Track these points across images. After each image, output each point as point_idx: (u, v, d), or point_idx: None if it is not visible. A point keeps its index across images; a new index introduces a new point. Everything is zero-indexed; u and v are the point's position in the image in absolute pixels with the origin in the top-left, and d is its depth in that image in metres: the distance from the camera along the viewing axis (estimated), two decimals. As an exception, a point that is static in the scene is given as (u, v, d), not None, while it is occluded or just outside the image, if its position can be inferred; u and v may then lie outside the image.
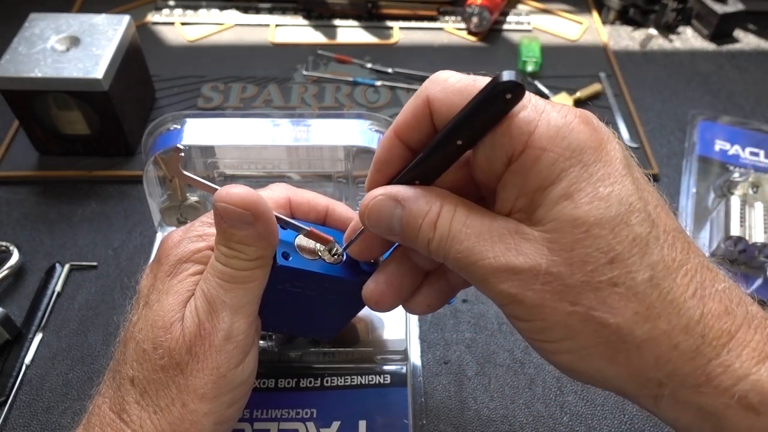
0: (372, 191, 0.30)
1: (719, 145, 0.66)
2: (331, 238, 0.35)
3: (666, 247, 0.27)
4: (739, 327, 0.27)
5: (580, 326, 0.26)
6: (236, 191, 0.31)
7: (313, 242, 0.35)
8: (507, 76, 0.24)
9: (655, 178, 0.65)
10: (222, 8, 0.83)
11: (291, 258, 0.34)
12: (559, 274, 0.26)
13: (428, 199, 0.29)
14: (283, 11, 0.83)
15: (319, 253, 0.35)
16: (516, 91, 0.25)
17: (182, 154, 0.34)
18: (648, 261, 0.26)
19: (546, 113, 0.27)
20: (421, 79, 0.74)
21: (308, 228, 0.34)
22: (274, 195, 0.36)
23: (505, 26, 0.82)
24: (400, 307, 0.35)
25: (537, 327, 0.28)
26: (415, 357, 0.49)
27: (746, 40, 0.82)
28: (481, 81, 0.28)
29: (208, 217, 0.36)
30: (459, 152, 0.29)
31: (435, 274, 0.34)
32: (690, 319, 0.26)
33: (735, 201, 0.56)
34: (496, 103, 0.26)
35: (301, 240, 0.35)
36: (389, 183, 0.31)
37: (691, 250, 0.28)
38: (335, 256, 0.35)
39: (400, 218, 0.29)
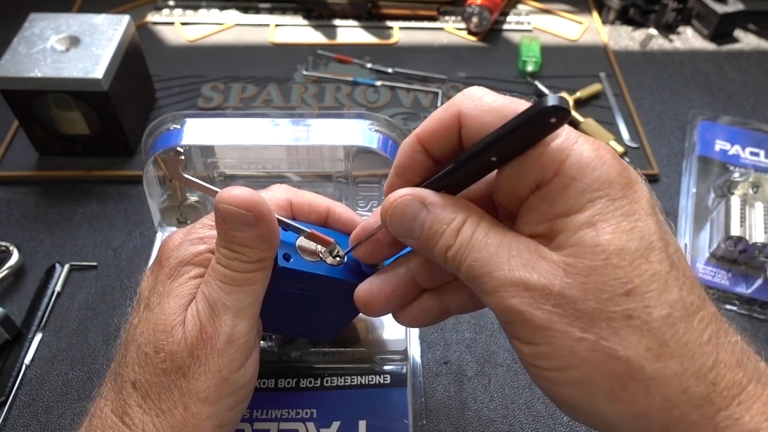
0: (398, 191, 0.30)
1: (719, 145, 0.66)
2: (332, 240, 0.35)
3: (684, 290, 0.26)
4: (750, 381, 0.26)
5: (588, 355, 0.26)
6: (238, 192, 0.31)
7: (314, 244, 0.35)
8: (553, 100, 0.25)
9: (655, 178, 0.65)
10: (222, 8, 0.83)
11: (292, 259, 0.34)
12: (571, 297, 0.26)
13: (455, 208, 0.29)
14: (283, 11, 0.83)
15: (320, 255, 0.35)
16: (561, 115, 0.25)
17: (182, 157, 0.34)
18: (666, 299, 0.26)
19: (579, 144, 0.27)
20: (422, 79, 0.74)
21: (309, 230, 0.34)
22: (275, 196, 0.36)
23: (505, 26, 0.82)
24: None
25: (541, 351, 0.27)
26: (415, 357, 0.49)
27: (746, 40, 0.82)
28: (518, 102, 0.28)
29: (209, 219, 0.36)
30: (490, 168, 0.29)
31: (430, 293, 0.34)
32: (703, 365, 0.25)
33: (735, 201, 0.56)
34: (540, 125, 0.26)
35: (303, 241, 0.35)
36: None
37: (707, 300, 0.27)
38: (336, 258, 0.35)
39: (423, 222, 0.29)
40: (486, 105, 0.28)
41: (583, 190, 0.26)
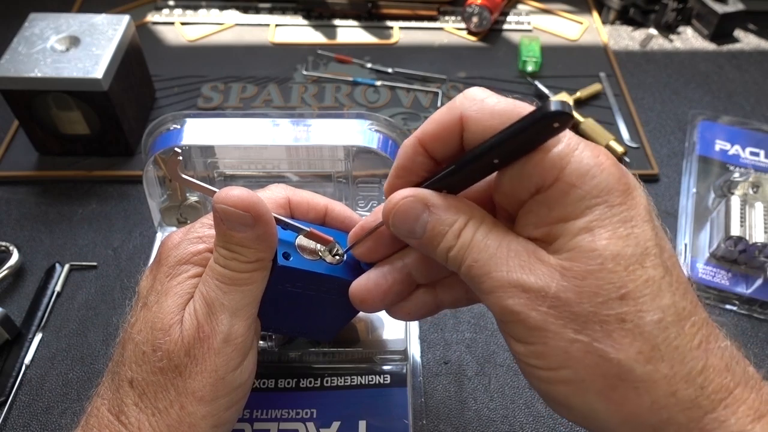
0: (400, 191, 0.30)
1: (719, 145, 0.66)
2: (332, 239, 0.35)
3: (677, 295, 0.27)
4: (737, 385, 0.27)
5: (580, 356, 0.26)
6: (236, 193, 0.31)
7: (314, 243, 0.35)
8: (556, 105, 0.25)
9: (655, 178, 0.65)
10: (222, 8, 0.83)
11: (292, 258, 0.34)
12: (567, 300, 0.26)
13: (457, 209, 0.29)
14: (283, 11, 0.83)
15: (320, 254, 0.35)
16: (563, 120, 0.25)
17: (180, 158, 0.34)
18: (659, 303, 0.26)
19: (579, 151, 0.27)
20: (422, 79, 0.74)
21: (308, 228, 0.34)
22: (274, 195, 0.36)
23: (505, 26, 0.82)
24: None
25: (536, 351, 0.27)
26: (415, 357, 0.49)
27: (746, 40, 0.82)
28: (521, 106, 0.28)
29: (209, 219, 0.36)
30: (491, 170, 0.29)
31: (425, 288, 0.34)
32: (692, 369, 0.26)
33: (735, 201, 0.56)
34: (543, 129, 0.26)
35: (302, 240, 0.35)
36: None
37: (699, 305, 0.28)
38: (336, 257, 0.35)
39: (425, 223, 0.29)
40: (489, 108, 0.28)
41: (582, 196, 0.27)
